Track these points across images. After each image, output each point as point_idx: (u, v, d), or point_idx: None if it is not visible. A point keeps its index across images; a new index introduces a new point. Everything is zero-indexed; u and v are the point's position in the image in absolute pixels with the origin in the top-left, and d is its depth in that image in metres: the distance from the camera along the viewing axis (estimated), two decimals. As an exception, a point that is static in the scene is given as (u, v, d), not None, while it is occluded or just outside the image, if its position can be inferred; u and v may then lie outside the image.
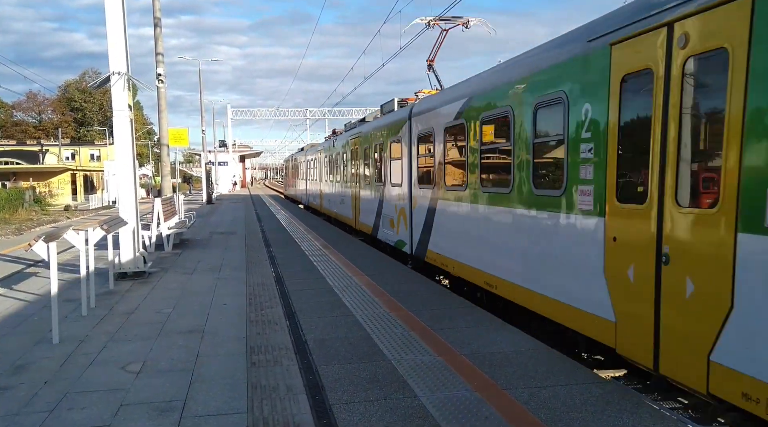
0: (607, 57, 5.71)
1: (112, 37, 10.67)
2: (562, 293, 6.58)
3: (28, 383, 5.58)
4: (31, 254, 8.84)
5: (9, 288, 10.44)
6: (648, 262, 5.16)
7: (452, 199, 9.98)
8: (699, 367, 4.62)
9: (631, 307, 5.41)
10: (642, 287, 5.24)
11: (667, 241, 4.94)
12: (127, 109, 10.88)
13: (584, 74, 6.09)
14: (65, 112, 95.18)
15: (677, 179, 4.87)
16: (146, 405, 5.01)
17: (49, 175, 55.81)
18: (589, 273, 6.02)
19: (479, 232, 8.92)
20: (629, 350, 5.49)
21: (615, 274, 5.63)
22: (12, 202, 36.49)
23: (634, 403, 4.81)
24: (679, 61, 4.82)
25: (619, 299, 5.58)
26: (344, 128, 22.91)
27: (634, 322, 5.37)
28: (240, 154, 75.76)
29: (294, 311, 8.15)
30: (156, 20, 20.35)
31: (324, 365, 5.87)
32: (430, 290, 9.38)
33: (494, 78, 8.51)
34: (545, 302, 6.91)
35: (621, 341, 5.59)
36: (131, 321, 7.88)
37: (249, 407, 4.92)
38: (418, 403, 4.91)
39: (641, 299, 5.25)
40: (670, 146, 4.92)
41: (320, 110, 69.50)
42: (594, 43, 5.95)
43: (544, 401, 4.91)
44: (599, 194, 5.86)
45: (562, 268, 6.56)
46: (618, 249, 5.59)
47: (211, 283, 10.50)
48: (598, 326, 5.89)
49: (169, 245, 15.08)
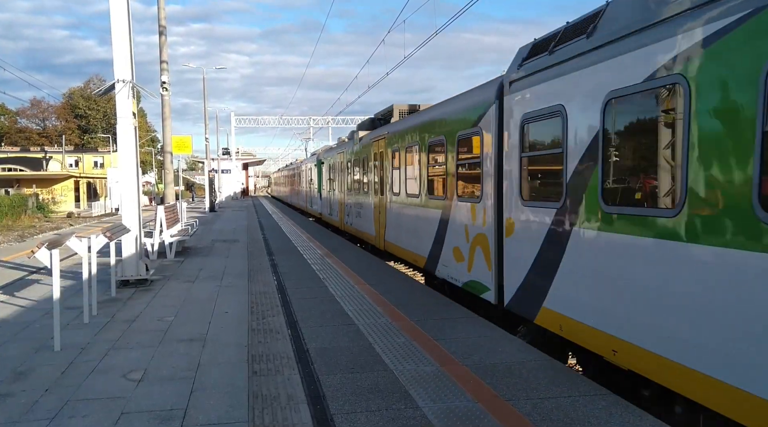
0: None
1: (118, 45, 10.73)
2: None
3: (29, 391, 5.57)
4: (34, 261, 8.84)
5: (11, 295, 10.45)
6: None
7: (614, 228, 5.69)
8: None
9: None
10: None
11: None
12: (131, 116, 10.92)
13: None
14: (69, 119, 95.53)
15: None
16: (147, 413, 4.99)
17: (52, 182, 56.00)
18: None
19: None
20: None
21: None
22: (15, 208, 36.60)
23: (636, 416, 4.78)
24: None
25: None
26: (360, 128, 19.18)
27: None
28: (243, 162, 75.94)
29: (296, 320, 8.13)
30: (161, 28, 20.46)
31: (325, 375, 5.85)
32: (433, 300, 9.35)
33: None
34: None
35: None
36: (133, 329, 7.87)
37: (250, 416, 4.89)
38: (420, 413, 4.88)
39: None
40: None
41: (324, 118, 69.65)
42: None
43: (546, 412, 4.88)
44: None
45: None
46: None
47: (213, 291, 10.49)
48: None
49: (171, 252, 15.09)
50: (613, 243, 5.69)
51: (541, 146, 7.36)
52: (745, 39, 4.23)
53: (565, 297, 6.56)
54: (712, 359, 4.51)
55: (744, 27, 4.25)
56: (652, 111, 5.38)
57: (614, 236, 5.66)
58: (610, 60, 5.77)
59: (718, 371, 4.44)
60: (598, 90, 5.93)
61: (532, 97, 7.37)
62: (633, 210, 5.42)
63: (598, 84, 5.93)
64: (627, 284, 5.48)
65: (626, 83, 5.49)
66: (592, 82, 6.05)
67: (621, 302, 5.56)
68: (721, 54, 4.44)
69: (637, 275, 5.35)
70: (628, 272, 5.47)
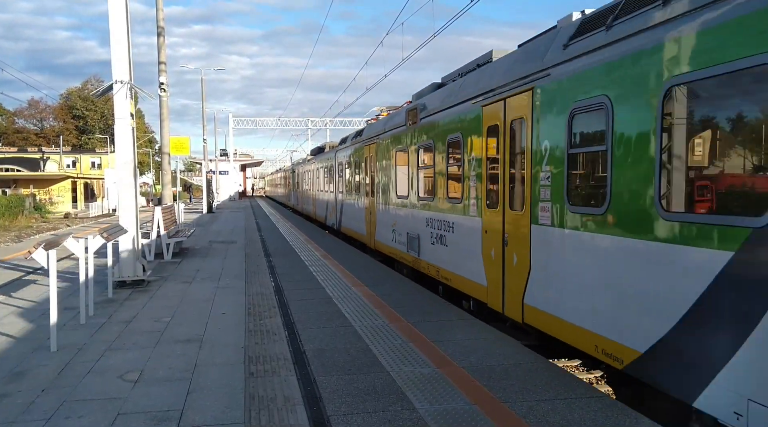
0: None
1: (116, 46, 10.73)
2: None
3: (25, 391, 5.56)
4: (31, 262, 8.81)
5: (8, 295, 10.43)
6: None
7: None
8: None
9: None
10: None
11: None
12: (129, 117, 10.92)
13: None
14: (67, 120, 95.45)
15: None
16: (143, 414, 4.99)
17: (49, 182, 55.90)
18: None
19: None
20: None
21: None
22: (12, 209, 36.54)
23: (632, 418, 4.79)
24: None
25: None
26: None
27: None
28: (241, 164, 75.87)
29: (293, 321, 8.13)
30: (159, 29, 20.46)
31: (322, 376, 5.85)
32: (430, 302, 9.36)
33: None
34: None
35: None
36: (130, 330, 7.86)
37: (246, 417, 4.90)
38: (417, 415, 4.89)
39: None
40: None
41: (322, 120, 69.66)
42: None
43: (542, 414, 4.89)
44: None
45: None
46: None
47: (210, 292, 10.49)
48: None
49: (168, 253, 15.07)
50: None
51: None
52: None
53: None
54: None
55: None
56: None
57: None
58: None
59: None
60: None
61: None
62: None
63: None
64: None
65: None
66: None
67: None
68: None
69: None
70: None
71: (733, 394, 4.33)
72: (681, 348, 4.80)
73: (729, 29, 4.39)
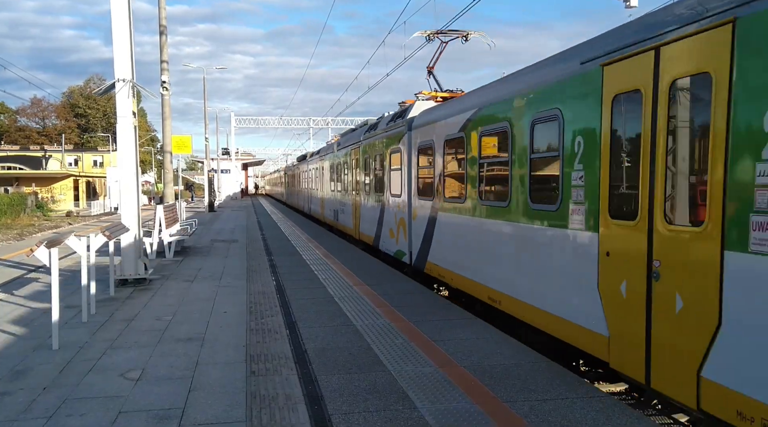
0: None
1: (118, 45, 10.73)
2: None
3: (27, 389, 5.57)
4: (33, 260, 8.83)
5: (10, 293, 10.45)
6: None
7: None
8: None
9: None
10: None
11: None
12: (131, 115, 10.93)
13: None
14: (69, 118, 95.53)
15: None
16: (145, 413, 4.99)
17: (51, 180, 55.89)
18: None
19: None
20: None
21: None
22: (14, 207, 36.56)
23: (634, 418, 4.79)
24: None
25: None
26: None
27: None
28: (243, 163, 75.88)
29: (294, 320, 8.13)
30: (161, 28, 20.46)
31: (324, 375, 5.85)
32: (431, 301, 9.36)
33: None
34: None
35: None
36: (131, 328, 7.87)
37: (248, 416, 4.90)
38: (418, 414, 4.89)
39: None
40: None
41: (324, 119, 69.63)
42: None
43: (544, 414, 4.89)
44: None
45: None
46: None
47: (211, 291, 10.49)
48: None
49: (170, 252, 15.09)
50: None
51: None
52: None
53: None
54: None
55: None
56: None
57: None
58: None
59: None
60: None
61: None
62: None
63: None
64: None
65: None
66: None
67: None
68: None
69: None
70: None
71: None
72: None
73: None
